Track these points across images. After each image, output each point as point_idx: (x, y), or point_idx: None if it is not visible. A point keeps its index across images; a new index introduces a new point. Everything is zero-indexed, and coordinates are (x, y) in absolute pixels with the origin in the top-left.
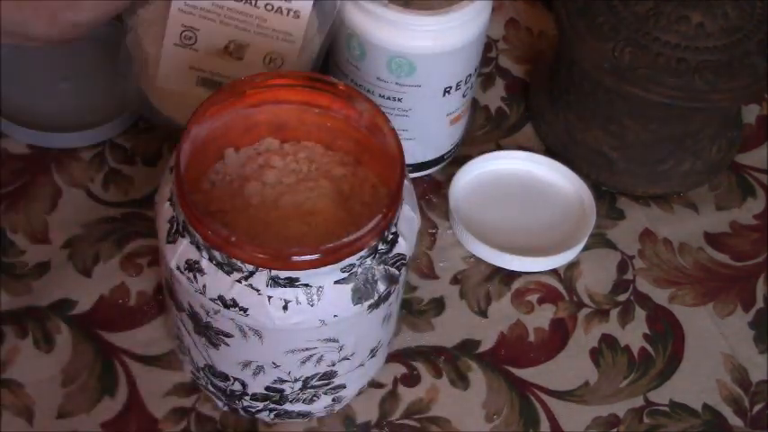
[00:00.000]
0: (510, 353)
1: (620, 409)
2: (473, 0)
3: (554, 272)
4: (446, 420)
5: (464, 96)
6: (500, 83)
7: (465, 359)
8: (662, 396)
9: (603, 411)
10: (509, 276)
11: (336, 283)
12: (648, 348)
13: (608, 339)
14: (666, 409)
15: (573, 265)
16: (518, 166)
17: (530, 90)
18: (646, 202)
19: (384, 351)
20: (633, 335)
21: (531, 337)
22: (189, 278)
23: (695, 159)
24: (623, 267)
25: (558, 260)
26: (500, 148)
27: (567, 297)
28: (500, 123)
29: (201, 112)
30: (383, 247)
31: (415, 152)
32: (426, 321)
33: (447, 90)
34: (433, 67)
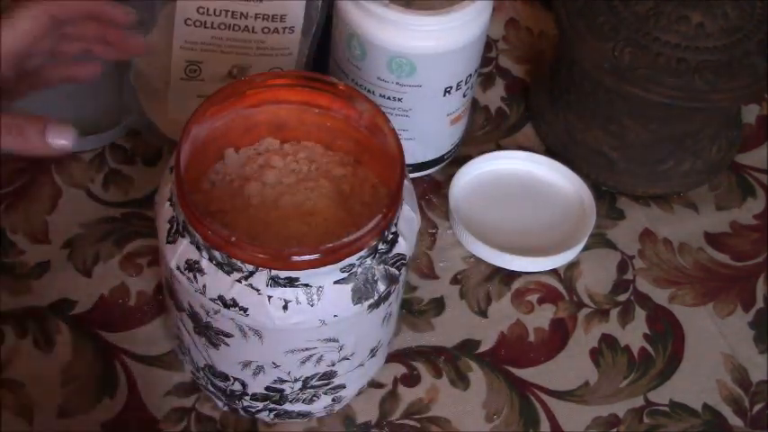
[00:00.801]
0: (510, 353)
1: (620, 409)
2: (474, 0)
3: (554, 272)
4: (446, 420)
5: (464, 96)
6: (500, 83)
7: (465, 359)
8: (662, 396)
9: (603, 411)
10: (509, 276)
11: (336, 282)
12: (648, 348)
13: (608, 339)
14: (666, 409)
15: (573, 265)
16: (518, 166)
17: (530, 90)
18: (646, 202)
19: (384, 351)
20: (633, 335)
21: (531, 337)
22: (189, 278)
23: (695, 159)
24: (623, 267)
25: (558, 260)
26: (500, 148)
27: (567, 297)
28: (500, 123)
29: (201, 113)
30: (383, 247)
31: (415, 152)
32: (426, 321)
33: (447, 90)
34: (434, 67)
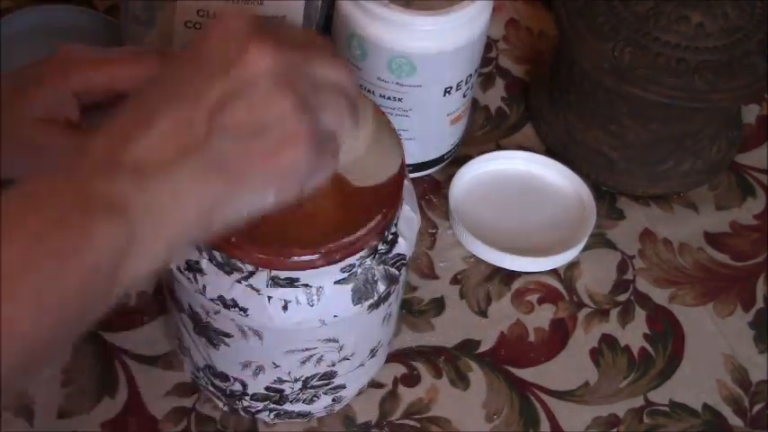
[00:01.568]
0: (510, 353)
1: (620, 409)
2: (473, 0)
3: (554, 272)
4: (446, 420)
5: (464, 96)
6: (500, 83)
7: (465, 359)
8: (662, 396)
9: (603, 411)
10: (509, 276)
11: (336, 283)
12: (648, 348)
13: (608, 339)
14: (666, 409)
15: (573, 265)
16: (518, 166)
17: (530, 90)
18: (646, 202)
19: (384, 351)
20: (633, 335)
21: (531, 337)
22: (189, 278)
23: (695, 159)
24: (623, 267)
25: (558, 260)
26: (500, 148)
27: (567, 297)
28: (500, 123)
29: None
30: (383, 247)
31: (415, 152)
32: (426, 321)
33: (447, 90)
34: (434, 67)
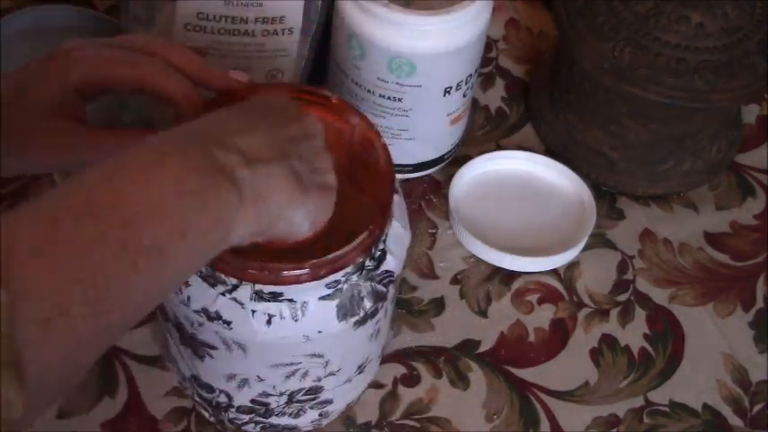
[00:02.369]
0: (510, 353)
1: (620, 409)
2: (473, 0)
3: (554, 272)
4: (446, 420)
5: (464, 96)
6: (500, 83)
7: (465, 359)
8: (662, 396)
9: (603, 411)
10: (509, 276)
11: (321, 299)
12: (648, 348)
13: (608, 339)
14: (666, 409)
15: (573, 265)
16: (518, 166)
17: (530, 90)
18: (646, 202)
19: (374, 366)
20: (633, 335)
21: (531, 337)
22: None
23: (695, 159)
24: (623, 267)
25: (558, 260)
26: (500, 148)
27: (567, 297)
28: (500, 123)
29: None
30: (370, 263)
31: (415, 152)
32: (426, 321)
33: (447, 90)
34: (434, 67)
